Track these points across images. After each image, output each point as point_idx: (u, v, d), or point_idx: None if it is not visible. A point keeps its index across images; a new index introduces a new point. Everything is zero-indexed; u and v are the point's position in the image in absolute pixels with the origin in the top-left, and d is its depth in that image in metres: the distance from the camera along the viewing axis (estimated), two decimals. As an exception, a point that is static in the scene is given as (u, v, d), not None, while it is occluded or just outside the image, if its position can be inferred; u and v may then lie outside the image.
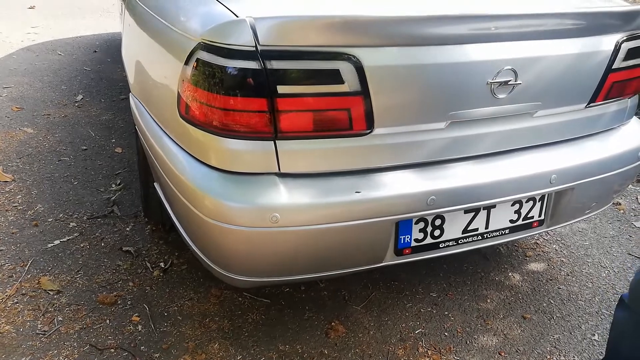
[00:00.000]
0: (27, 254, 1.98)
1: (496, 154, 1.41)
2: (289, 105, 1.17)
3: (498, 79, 1.29)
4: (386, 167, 1.31)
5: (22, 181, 2.50)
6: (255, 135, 1.20)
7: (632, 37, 1.47)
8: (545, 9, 1.35)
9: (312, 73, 1.16)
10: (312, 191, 1.24)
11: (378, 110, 1.23)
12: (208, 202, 1.24)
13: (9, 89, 3.77)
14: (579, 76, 1.42)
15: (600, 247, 2.14)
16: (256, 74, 1.13)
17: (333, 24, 1.12)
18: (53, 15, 6.07)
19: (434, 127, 1.31)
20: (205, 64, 1.17)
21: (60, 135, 3.04)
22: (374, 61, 1.18)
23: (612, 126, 1.62)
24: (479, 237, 1.49)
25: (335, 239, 1.28)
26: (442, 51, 1.23)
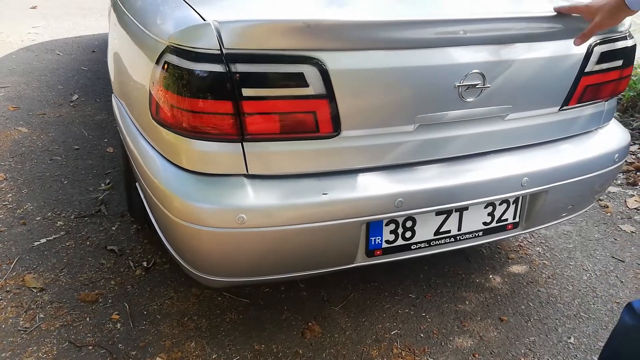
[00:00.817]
0: (14, 251, 2.01)
1: (466, 156, 1.42)
2: (255, 108, 1.19)
3: (466, 83, 1.30)
4: (354, 169, 1.32)
5: (13, 180, 2.54)
6: (223, 137, 1.22)
7: (605, 41, 1.48)
8: (513, 12, 1.35)
9: (276, 76, 1.17)
10: (279, 193, 1.25)
11: (344, 113, 1.24)
12: (178, 203, 1.26)
13: (6, 88, 3.81)
14: (550, 79, 1.42)
15: (584, 249, 2.14)
16: (221, 76, 1.15)
17: (296, 28, 1.14)
18: (54, 15, 6.12)
19: (403, 130, 1.32)
20: (173, 66, 1.18)
21: (54, 134, 3.07)
22: (339, 65, 1.19)
23: (588, 129, 1.62)
24: (451, 239, 1.50)
25: (302, 240, 1.29)
26: (408, 55, 1.24)
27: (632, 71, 1.64)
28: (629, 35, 1.56)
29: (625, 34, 1.54)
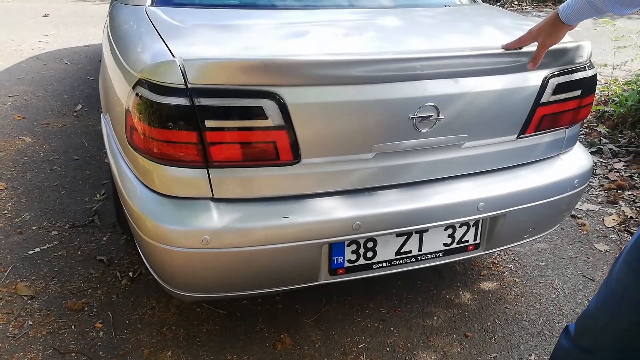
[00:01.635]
0: (9, 260, 2.12)
1: (423, 182, 1.50)
2: (218, 138, 1.28)
3: (419, 114, 1.37)
4: (314, 194, 1.41)
5: (14, 189, 2.66)
6: (189, 164, 1.31)
7: (561, 73, 1.54)
8: (466, 48, 1.43)
9: (237, 109, 1.26)
10: (242, 215, 1.34)
11: (304, 142, 1.33)
12: (149, 223, 1.35)
13: (14, 97, 3.97)
14: (505, 110, 1.50)
15: (556, 268, 2.20)
16: (186, 109, 1.24)
17: (255, 65, 1.23)
18: (65, 23, 6.31)
19: (361, 158, 1.40)
20: (143, 98, 1.28)
21: (56, 144, 3.20)
22: (297, 99, 1.28)
23: (549, 155, 1.68)
24: (412, 259, 1.58)
25: (264, 260, 1.38)
26: (363, 89, 1.32)
27: (593, 99, 1.69)
28: (588, 66, 1.62)
29: (584, 65, 1.61)
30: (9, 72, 4.54)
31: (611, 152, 3.24)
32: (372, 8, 1.84)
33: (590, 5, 1.25)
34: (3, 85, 4.20)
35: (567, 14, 1.31)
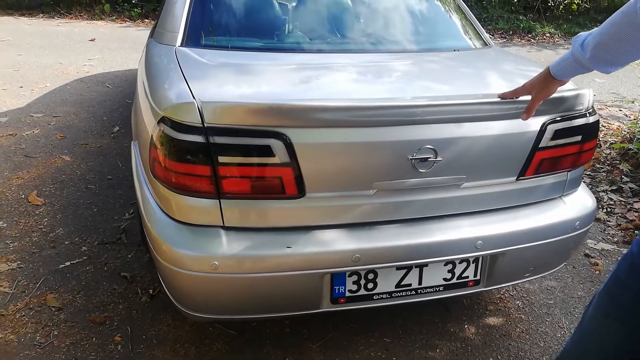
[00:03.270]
0: (41, 272, 2.29)
1: (423, 219, 1.57)
2: (230, 172, 1.40)
3: (418, 156, 1.46)
4: (317, 226, 1.51)
5: (51, 205, 2.86)
6: (203, 194, 1.44)
7: (561, 119, 1.61)
8: (465, 96, 1.51)
9: (247, 147, 1.38)
10: (249, 244, 1.45)
11: (308, 178, 1.43)
12: (165, 247, 1.48)
13: (57, 117, 4.25)
14: (503, 154, 1.57)
15: (564, 307, 2.21)
16: (202, 146, 1.37)
17: (264, 109, 1.35)
18: (109, 48, 6.69)
19: (362, 194, 1.50)
20: (164, 134, 1.42)
21: (92, 164, 3.42)
22: (302, 139, 1.39)
23: (550, 197, 1.73)
24: (412, 292, 1.64)
25: (268, 287, 1.48)
26: (365, 132, 1.43)
27: (595, 144, 1.74)
28: (590, 112, 1.68)
29: (585, 112, 1.66)
30: (55, 94, 4.86)
31: (632, 191, 3.21)
32: (386, 52, 1.96)
33: (578, 63, 1.32)
34: (49, 106, 4.50)
35: (557, 70, 1.38)
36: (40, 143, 3.71)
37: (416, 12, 2.28)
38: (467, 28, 2.24)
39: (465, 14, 2.31)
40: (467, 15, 2.31)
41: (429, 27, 2.21)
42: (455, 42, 2.15)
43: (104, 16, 8.70)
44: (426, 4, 2.34)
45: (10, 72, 5.47)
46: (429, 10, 2.30)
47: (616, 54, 1.21)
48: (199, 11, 1.99)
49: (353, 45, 2.00)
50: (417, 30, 2.14)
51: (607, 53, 1.23)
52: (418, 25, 2.19)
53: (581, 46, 1.28)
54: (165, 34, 2.03)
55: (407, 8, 2.24)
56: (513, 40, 8.72)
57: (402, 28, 2.12)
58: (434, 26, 2.22)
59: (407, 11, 2.23)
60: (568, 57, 1.34)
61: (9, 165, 3.33)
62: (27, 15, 8.77)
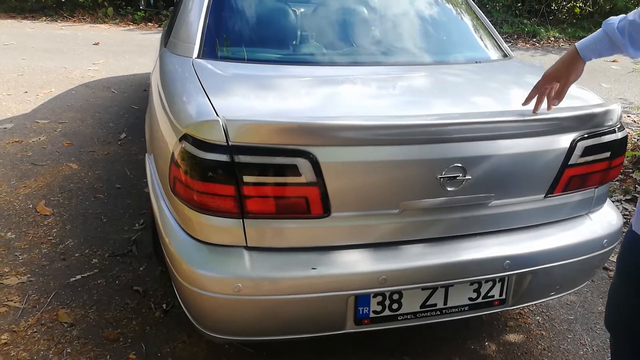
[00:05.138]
0: (52, 286, 2.25)
1: (449, 238, 1.53)
2: (254, 192, 1.36)
3: (447, 175, 1.42)
4: (342, 246, 1.47)
5: (59, 215, 2.82)
6: (226, 214, 1.39)
7: (590, 135, 1.57)
8: (493, 111, 1.48)
9: (273, 166, 1.34)
10: (273, 265, 1.41)
11: (334, 198, 1.39)
12: (185, 266, 1.44)
13: (63, 124, 4.21)
14: (533, 171, 1.53)
15: (585, 322, 2.17)
16: (226, 165, 1.33)
17: (291, 128, 1.31)
18: (113, 52, 6.65)
19: (388, 213, 1.46)
20: (187, 152, 1.38)
21: (100, 172, 3.38)
22: (329, 158, 1.35)
23: (577, 214, 1.69)
24: (437, 312, 1.60)
25: (292, 309, 1.44)
26: (392, 150, 1.39)
27: (623, 159, 1.71)
28: (618, 128, 1.64)
29: (614, 128, 1.63)
30: (60, 99, 4.82)
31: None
32: (406, 65, 1.92)
33: (611, 44, 1.36)
34: (54, 112, 4.46)
35: (587, 52, 1.42)
36: (46, 150, 3.67)
37: (436, 23, 2.24)
38: (487, 38, 2.20)
39: (484, 24, 2.27)
40: (486, 25, 2.28)
41: (450, 37, 2.17)
42: (476, 53, 2.11)
43: (107, 19, 8.66)
44: (445, 14, 2.30)
45: (14, 76, 5.43)
46: (449, 20, 2.27)
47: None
48: (215, 22, 1.95)
49: (373, 58, 1.96)
50: (438, 41, 2.10)
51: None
52: (439, 36, 2.16)
53: (617, 28, 1.34)
54: (180, 45, 1.99)
55: (426, 18, 2.20)
56: (518, 45, 8.69)
57: (423, 39, 2.08)
58: (454, 37, 2.19)
59: (427, 22, 2.19)
60: (602, 38, 1.38)
61: (16, 174, 3.29)
62: (30, 19, 8.73)
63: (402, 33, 2.06)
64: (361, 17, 2.10)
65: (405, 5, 2.20)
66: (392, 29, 2.08)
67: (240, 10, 2.05)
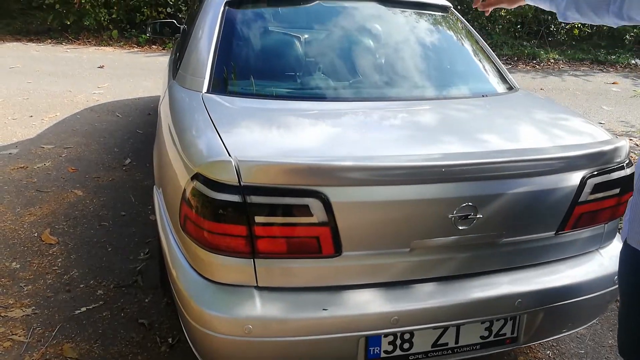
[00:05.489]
0: (57, 319, 2.23)
1: (460, 276, 1.53)
2: (265, 232, 1.36)
3: (459, 214, 1.42)
4: (354, 285, 1.46)
5: (64, 244, 2.81)
6: (237, 254, 1.39)
7: (599, 173, 1.57)
8: (503, 150, 1.48)
9: (285, 207, 1.34)
10: (284, 305, 1.40)
11: (345, 237, 1.39)
12: (194, 305, 1.43)
13: (68, 149, 4.22)
14: (543, 209, 1.53)
15: (596, 356, 2.14)
16: (238, 205, 1.33)
17: (303, 169, 1.32)
18: (118, 75, 6.71)
19: (399, 252, 1.45)
20: (198, 192, 1.38)
21: (105, 199, 3.38)
22: (341, 197, 1.35)
23: (587, 250, 1.69)
24: (449, 351, 1.58)
25: (303, 350, 1.42)
26: (404, 189, 1.39)
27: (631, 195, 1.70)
28: (626, 164, 1.65)
29: (623, 164, 1.63)
30: (65, 123, 4.85)
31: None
32: (416, 100, 1.93)
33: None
34: (59, 136, 4.48)
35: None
36: (51, 176, 3.68)
37: (442, 55, 2.26)
38: (493, 70, 2.22)
39: (489, 56, 2.30)
40: (491, 57, 2.30)
41: (457, 70, 2.19)
42: (482, 85, 2.12)
43: (111, 42, 8.75)
44: (451, 46, 2.32)
45: (20, 100, 5.47)
46: (455, 53, 2.29)
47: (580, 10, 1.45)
48: (224, 55, 1.97)
49: (382, 92, 1.97)
50: (445, 74, 2.12)
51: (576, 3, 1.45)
52: (445, 69, 2.18)
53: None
54: (189, 78, 2.01)
55: (433, 51, 2.22)
56: (518, 67, 8.76)
57: (430, 73, 2.10)
58: (461, 69, 2.21)
59: (433, 54, 2.21)
60: None
61: (21, 201, 3.29)
62: (35, 41, 8.82)
63: (409, 67, 2.08)
64: (368, 51, 2.12)
65: (412, 38, 2.22)
66: (400, 63, 2.10)
67: (249, 43, 2.07)
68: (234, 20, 2.06)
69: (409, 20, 2.30)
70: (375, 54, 2.13)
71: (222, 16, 2.07)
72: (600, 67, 8.93)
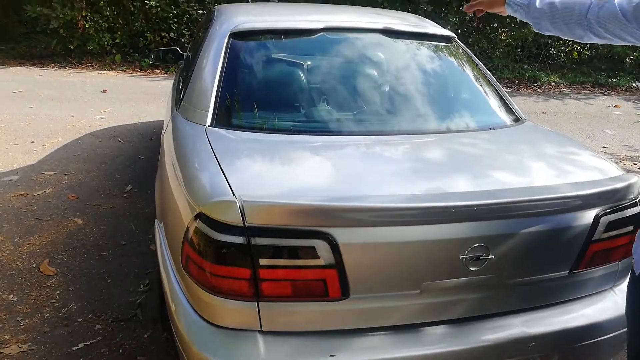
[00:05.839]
0: (54, 355, 2.16)
1: (472, 318, 1.47)
2: (270, 275, 1.31)
3: (469, 254, 1.38)
4: (361, 329, 1.40)
5: (63, 276, 2.76)
6: (241, 297, 1.34)
7: (613, 210, 1.53)
8: (515, 189, 1.45)
9: (291, 249, 1.30)
10: (289, 351, 1.35)
11: (353, 280, 1.34)
12: (195, 349, 1.37)
13: (69, 175, 4.19)
14: (556, 248, 1.48)
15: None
16: (242, 247, 1.29)
17: (310, 210, 1.28)
18: (120, 99, 6.72)
19: (408, 294, 1.40)
20: (201, 232, 1.34)
21: (105, 227, 3.33)
22: (349, 239, 1.31)
23: (601, 289, 1.64)
24: (460, 394, 1.52)
25: (309, 397, 1.36)
26: (414, 230, 1.35)
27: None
28: (639, 200, 1.61)
29: (635, 200, 1.59)
30: (67, 149, 4.83)
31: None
32: (423, 133, 1.90)
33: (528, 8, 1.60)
34: (61, 162, 4.46)
35: (511, 3, 1.67)
36: (52, 204, 3.64)
37: (447, 87, 2.24)
38: (499, 102, 2.20)
39: (494, 87, 2.28)
40: (497, 88, 2.28)
41: (462, 102, 2.16)
42: (489, 117, 2.10)
43: (114, 66, 8.81)
44: (456, 78, 2.31)
45: (21, 125, 5.46)
46: (460, 84, 2.27)
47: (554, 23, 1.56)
48: (229, 88, 1.95)
49: (387, 126, 1.95)
50: (451, 107, 2.10)
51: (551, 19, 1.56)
52: (451, 101, 2.15)
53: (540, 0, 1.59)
54: (192, 110, 1.98)
55: (438, 83, 2.21)
56: (519, 90, 8.79)
57: (436, 105, 2.08)
58: (466, 101, 2.18)
59: (439, 87, 2.20)
60: (526, 1, 1.62)
61: (20, 230, 3.25)
62: (39, 65, 8.88)
63: (415, 99, 2.06)
64: (373, 84, 2.10)
65: (417, 70, 2.20)
66: (405, 95, 2.07)
67: (254, 76, 2.06)
68: (238, 52, 2.05)
69: (413, 52, 2.29)
70: (380, 86, 2.11)
71: (226, 47, 2.06)
72: (602, 90, 8.96)
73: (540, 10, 1.58)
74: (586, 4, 1.48)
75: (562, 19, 1.52)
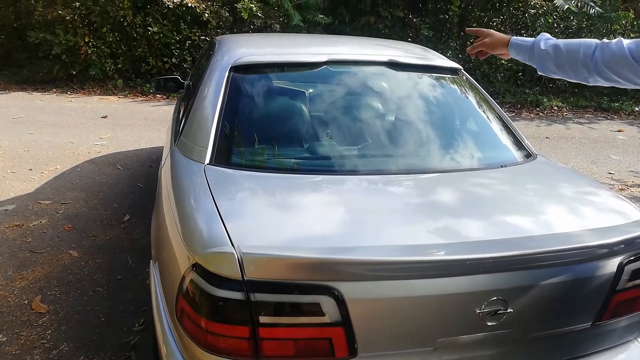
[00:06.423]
0: (42, 405, 2.04)
1: (490, 377, 1.37)
2: (271, 334, 1.21)
3: (487, 308, 1.28)
4: (371, 390, 1.29)
5: (55, 314, 2.64)
6: (239, 356, 1.24)
7: (636, 258, 1.43)
8: (534, 238, 1.35)
9: (294, 305, 1.20)
10: (292, 415, 1.24)
11: (361, 337, 1.24)
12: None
13: (66, 205, 4.10)
14: (578, 299, 1.38)
15: None
16: (240, 304, 1.19)
17: (314, 263, 1.18)
18: (121, 125, 6.68)
19: (422, 351, 1.30)
20: (196, 286, 1.25)
21: (101, 260, 3.23)
22: (356, 294, 1.21)
23: (625, 340, 1.53)
24: None
25: None
26: (426, 283, 1.25)
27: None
28: (665, 246, 1.51)
29: (661, 246, 1.50)
30: (65, 177, 4.75)
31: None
32: (431, 172, 1.81)
33: (532, 50, 1.58)
34: (58, 191, 4.38)
35: (515, 46, 1.65)
36: (47, 236, 3.54)
37: (456, 123, 2.17)
38: (509, 137, 2.12)
39: (504, 120, 2.20)
40: (506, 122, 2.20)
41: (472, 138, 2.08)
42: (500, 153, 2.01)
43: (116, 91, 8.81)
44: (464, 112, 2.23)
45: (20, 152, 5.40)
46: (468, 120, 2.19)
47: (559, 65, 1.54)
48: (229, 125, 1.87)
49: (395, 164, 1.86)
50: (460, 143, 2.01)
51: (555, 61, 1.54)
52: (460, 137, 2.07)
53: (544, 42, 1.57)
54: (191, 147, 1.90)
55: (446, 119, 2.13)
56: (522, 114, 8.76)
57: (445, 142, 1.99)
58: (476, 137, 2.10)
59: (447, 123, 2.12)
60: (529, 44, 1.60)
61: (13, 263, 3.14)
62: (40, 90, 8.88)
63: (423, 137, 1.97)
64: (379, 121, 2.02)
65: (424, 106, 2.13)
66: (413, 133, 1.99)
67: (255, 113, 1.98)
68: (239, 87, 1.98)
69: (420, 86, 2.22)
70: (386, 124, 2.03)
71: (227, 82, 1.99)
72: (604, 115, 8.93)
73: (544, 52, 1.55)
74: (592, 46, 1.45)
75: (567, 61, 1.50)
